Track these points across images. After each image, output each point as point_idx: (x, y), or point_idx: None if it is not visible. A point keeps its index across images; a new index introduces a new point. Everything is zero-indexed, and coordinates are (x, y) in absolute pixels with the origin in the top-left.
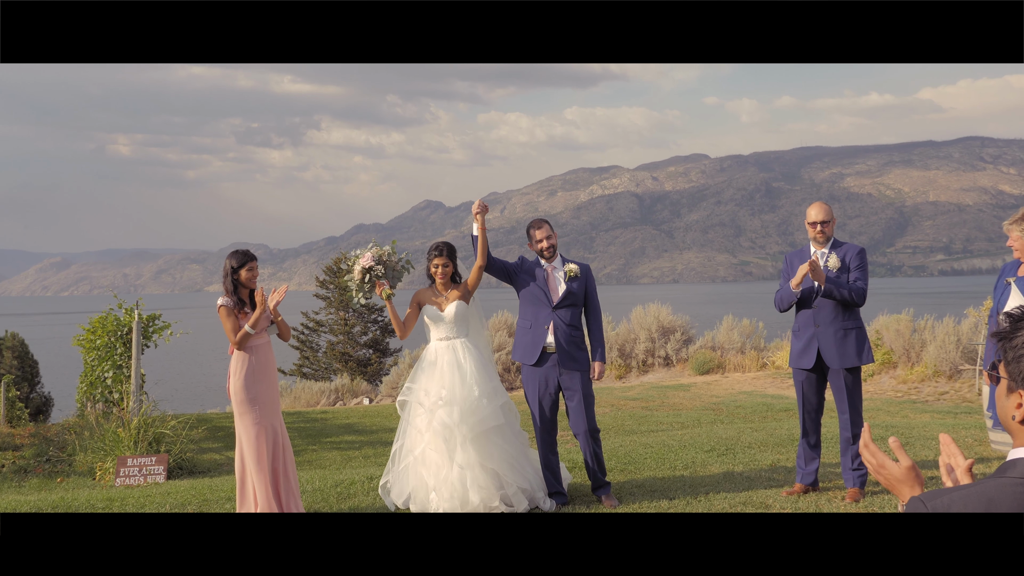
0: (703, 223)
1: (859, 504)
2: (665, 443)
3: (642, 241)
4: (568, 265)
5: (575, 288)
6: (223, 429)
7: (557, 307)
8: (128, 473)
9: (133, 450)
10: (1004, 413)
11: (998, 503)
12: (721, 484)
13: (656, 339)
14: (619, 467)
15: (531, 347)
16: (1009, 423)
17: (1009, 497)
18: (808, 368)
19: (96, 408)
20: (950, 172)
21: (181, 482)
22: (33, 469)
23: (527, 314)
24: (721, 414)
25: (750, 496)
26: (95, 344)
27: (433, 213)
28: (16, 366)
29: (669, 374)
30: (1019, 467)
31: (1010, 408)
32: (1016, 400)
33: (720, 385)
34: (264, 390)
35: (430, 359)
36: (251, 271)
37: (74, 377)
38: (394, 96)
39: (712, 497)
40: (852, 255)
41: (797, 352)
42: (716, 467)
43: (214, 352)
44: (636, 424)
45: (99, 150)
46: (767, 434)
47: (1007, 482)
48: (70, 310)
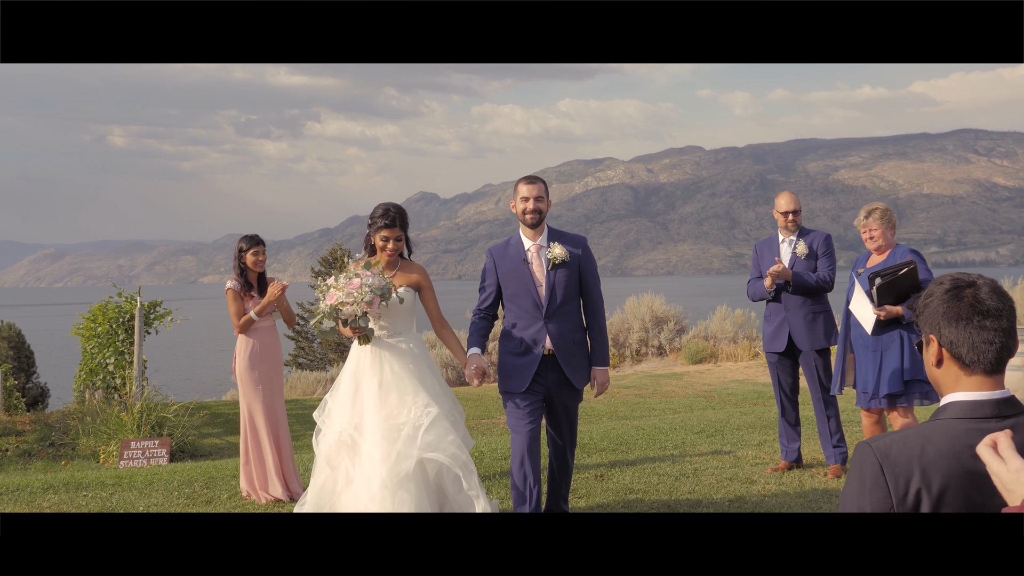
0: (698, 215)
1: (841, 479)
2: (656, 426)
3: (637, 233)
4: (553, 248)
5: (565, 279)
6: (222, 416)
7: (552, 316)
8: (132, 456)
9: (136, 434)
10: (928, 369)
11: (933, 440)
12: (709, 461)
13: (650, 329)
14: (611, 447)
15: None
16: (933, 372)
17: (941, 434)
18: (780, 352)
19: (96, 395)
20: (944, 164)
21: (184, 464)
22: (37, 453)
23: (512, 328)
24: (712, 401)
25: (736, 472)
26: (95, 332)
27: (428, 205)
28: (12, 356)
29: (662, 363)
30: (948, 410)
31: (929, 358)
32: (932, 348)
33: (712, 374)
34: (267, 371)
35: (353, 375)
36: (256, 255)
37: (68, 367)
38: (392, 89)
39: (700, 473)
40: (819, 242)
41: (769, 336)
42: (705, 447)
43: (210, 342)
44: (629, 411)
45: (94, 142)
46: (756, 417)
47: (940, 423)
48: (64, 301)
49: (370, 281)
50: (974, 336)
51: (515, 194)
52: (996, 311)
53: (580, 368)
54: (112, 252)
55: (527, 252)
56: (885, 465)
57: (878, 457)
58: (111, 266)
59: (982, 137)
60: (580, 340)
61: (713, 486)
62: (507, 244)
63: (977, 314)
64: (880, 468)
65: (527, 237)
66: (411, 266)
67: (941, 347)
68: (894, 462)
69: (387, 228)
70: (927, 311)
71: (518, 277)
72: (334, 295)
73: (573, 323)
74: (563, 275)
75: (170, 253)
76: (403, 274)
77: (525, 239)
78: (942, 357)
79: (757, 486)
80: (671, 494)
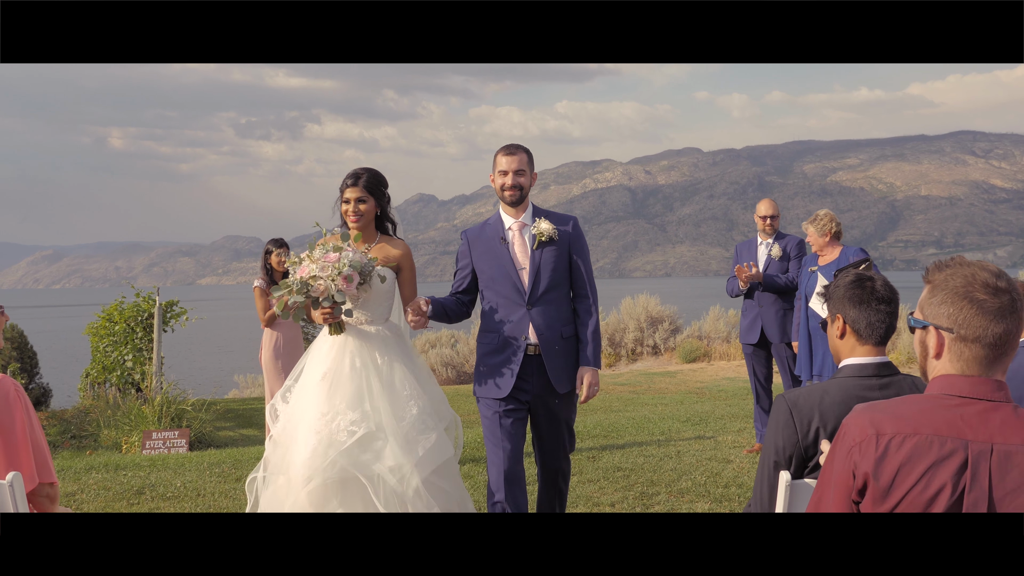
0: (696, 217)
1: None
2: (646, 416)
3: (635, 235)
4: (539, 223)
5: (553, 260)
6: (234, 411)
7: (536, 302)
8: (153, 445)
9: (157, 425)
10: (832, 341)
11: (830, 392)
12: (691, 445)
13: (645, 329)
14: (602, 434)
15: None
16: (835, 343)
17: (836, 388)
18: (754, 343)
19: (111, 390)
20: (941, 166)
21: (207, 451)
22: (61, 444)
23: (490, 318)
24: (704, 397)
25: (715, 453)
26: (112, 330)
27: (426, 207)
28: (15, 356)
29: (657, 362)
30: (844, 371)
31: (834, 332)
32: (837, 324)
33: (705, 372)
34: (290, 361)
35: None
36: (280, 256)
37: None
38: (390, 91)
39: (682, 454)
40: (792, 245)
41: (744, 329)
42: (689, 433)
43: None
44: (622, 405)
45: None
46: (740, 409)
47: (837, 380)
48: (62, 303)
49: (350, 256)
50: (871, 316)
51: (493, 167)
52: (888, 299)
53: (566, 369)
54: (110, 254)
55: (507, 231)
56: (794, 410)
57: (788, 405)
58: (109, 267)
59: (980, 139)
60: (570, 335)
61: (693, 465)
62: (484, 224)
63: (874, 300)
64: (790, 412)
65: (507, 215)
66: (393, 242)
67: (845, 323)
68: (800, 408)
69: (349, 187)
70: (835, 296)
71: (495, 258)
72: (306, 267)
73: (562, 313)
74: (550, 255)
75: (168, 255)
76: (383, 249)
77: (506, 217)
78: (845, 331)
79: (732, 465)
80: (655, 471)
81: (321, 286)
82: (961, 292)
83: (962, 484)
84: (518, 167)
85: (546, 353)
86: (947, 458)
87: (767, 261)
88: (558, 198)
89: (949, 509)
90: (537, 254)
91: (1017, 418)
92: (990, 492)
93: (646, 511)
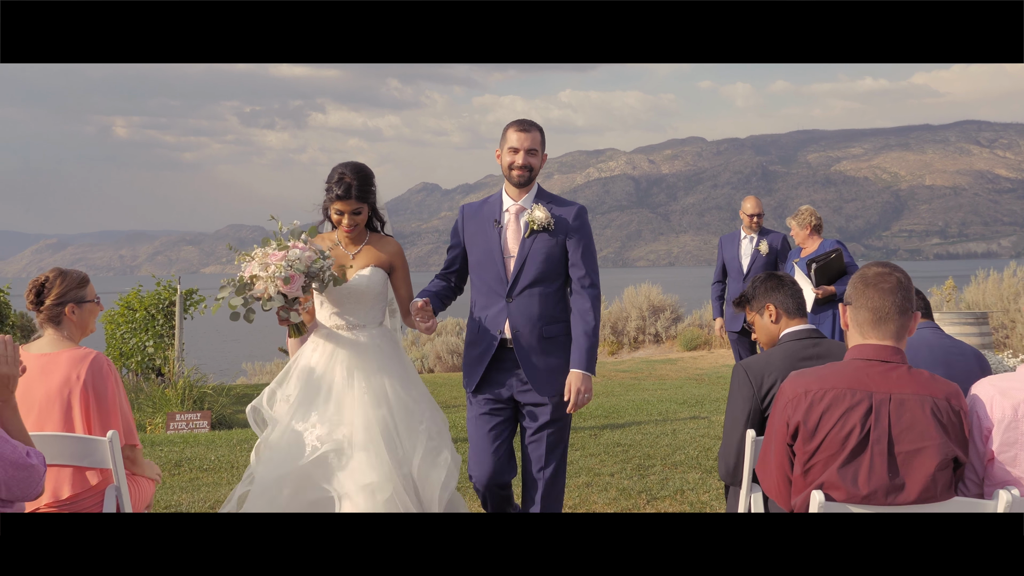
0: (699, 206)
1: None
2: (645, 399)
3: (639, 224)
4: (534, 210)
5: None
6: (250, 396)
7: (517, 295)
8: (176, 426)
9: (180, 407)
10: (768, 329)
11: (776, 355)
12: (687, 424)
13: (647, 317)
14: (603, 415)
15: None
16: (771, 328)
17: (780, 351)
18: (737, 331)
19: (129, 375)
20: (946, 156)
21: (231, 430)
22: None
23: (473, 305)
24: (702, 382)
25: (708, 431)
26: (132, 318)
27: (429, 196)
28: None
29: (659, 350)
30: (785, 338)
31: (767, 321)
32: (767, 312)
33: (706, 359)
34: None
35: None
36: None
37: None
38: (394, 79)
39: (677, 432)
40: (778, 242)
41: (729, 317)
42: (685, 414)
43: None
44: (623, 390)
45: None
46: None
47: (781, 346)
48: None
49: (296, 254)
50: (789, 296)
51: (502, 142)
52: (793, 281)
53: (547, 373)
54: (114, 242)
55: (504, 212)
56: (748, 372)
57: (744, 369)
58: (113, 256)
59: (984, 128)
60: (555, 335)
61: (687, 441)
62: (484, 202)
63: (786, 284)
64: (745, 374)
65: (509, 196)
66: (384, 242)
67: (776, 308)
68: (753, 371)
69: (340, 200)
70: (759, 294)
71: (485, 241)
72: (251, 266)
73: (546, 311)
74: (543, 246)
75: (172, 243)
76: (373, 250)
77: (506, 197)
78: (777, 314)
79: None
80: (652, 446)
81: (258, 288)
82: (858, 275)
83: (868, 424)
84: (531, 146)
85: (520, 353)
86: (857, 405)
87: (753, 255)
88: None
89: (859, 442)
90: (528, 242)
91: (910, 375)
92: (889, 429)
93: (642, 480)
